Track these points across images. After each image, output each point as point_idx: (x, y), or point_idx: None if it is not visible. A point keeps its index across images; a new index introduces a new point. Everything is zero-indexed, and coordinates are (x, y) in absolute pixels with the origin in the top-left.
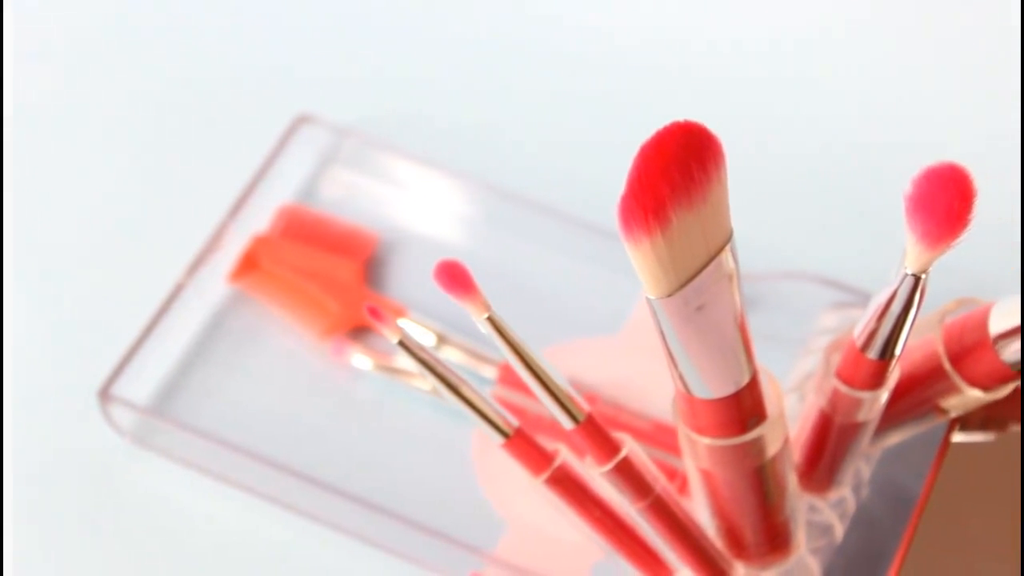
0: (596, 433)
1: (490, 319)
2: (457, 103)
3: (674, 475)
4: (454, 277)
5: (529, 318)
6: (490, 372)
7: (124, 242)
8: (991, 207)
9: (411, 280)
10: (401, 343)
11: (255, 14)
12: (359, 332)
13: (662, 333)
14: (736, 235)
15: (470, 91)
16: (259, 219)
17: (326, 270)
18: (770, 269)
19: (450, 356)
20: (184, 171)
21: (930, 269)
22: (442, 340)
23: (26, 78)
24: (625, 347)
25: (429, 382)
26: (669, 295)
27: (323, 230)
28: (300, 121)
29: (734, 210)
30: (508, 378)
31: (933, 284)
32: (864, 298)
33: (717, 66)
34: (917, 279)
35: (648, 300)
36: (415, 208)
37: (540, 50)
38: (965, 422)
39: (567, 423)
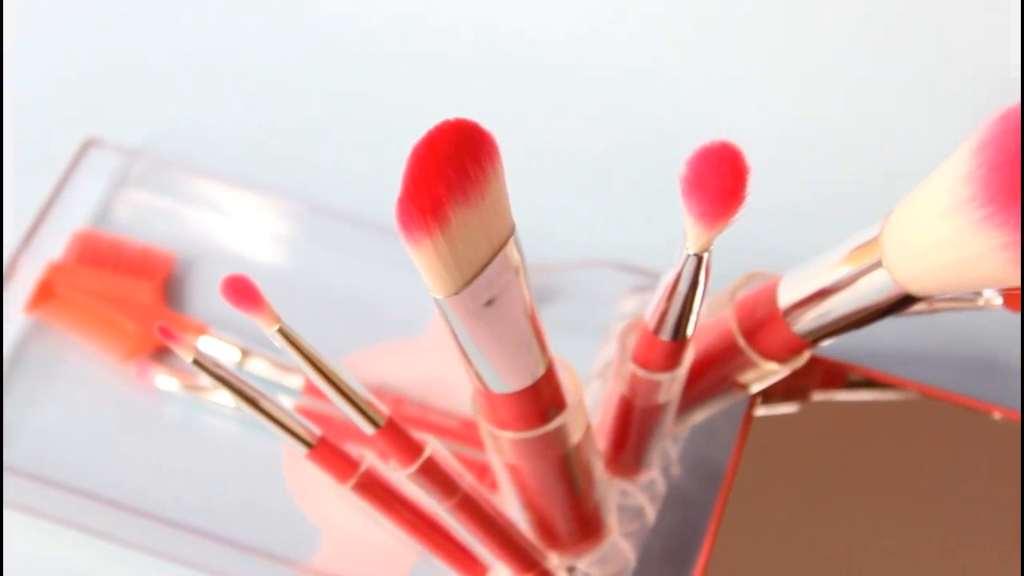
0: (398, 436)
1: (281, 330)
2: (247, 114)
3: (485, 472)
4: (240, 291)
5: (336, 325)
6: (297, 383)
7: None
8: (777, 182)
9: (214, 297)
10: (195, 361)
11: (29, 40)
12: (163, 353)
13: (453, 332)
14: (532, 226)
15: (259, 101)
16: (53, 246)
17: (124, 293)
18: (568, 258)
19: (256, 369)
20: None
21: (712, 248)
22: (246, 354)
23: None
24: (430, 347)
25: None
26: (456, 293)
27: (118, 253)
28: (88, 145)
29: (529, 203)
30: (314, 388)
31: (732, 261)
32: None
33: (512, 57)
34: (699, 259)
35: (435, 300)
36: (213, 224)
37: (330, 52)
38: (767, 395)
39: (367, 428)
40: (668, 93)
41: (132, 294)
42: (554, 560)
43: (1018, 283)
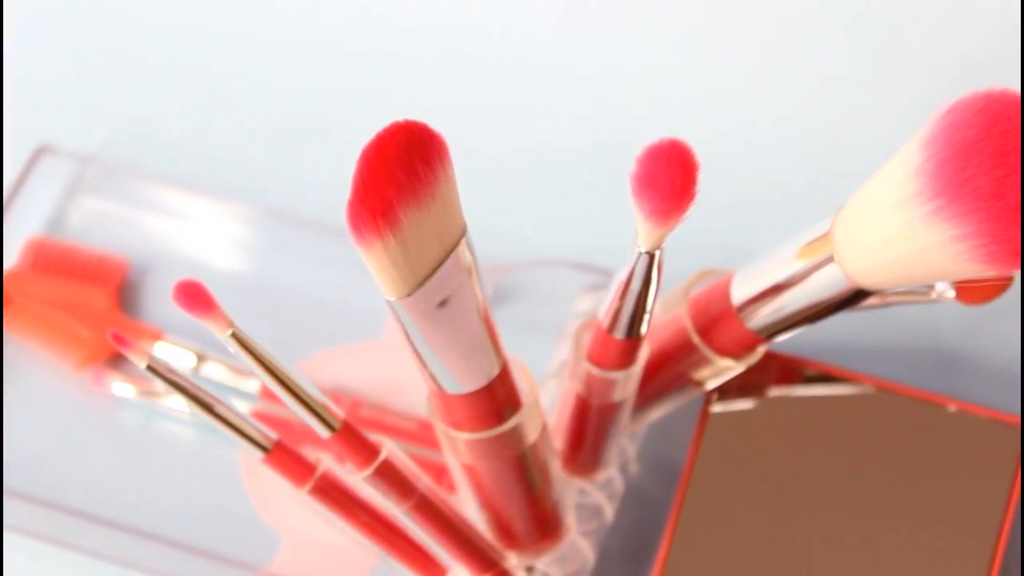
0: (354, 439)
1: (234, 335)
2: (202, 118)
3: (443, 473)
4: (192, 296)
5: (294, 329)
6: (254, 387)
7: None
8: (730, 179)
9: (170, 302)
10: (149, 367)
11: None
12: (119, 360)
13: (406, 333)
14: (486, 226)
15: (209, 106)
16: (7, 255)
17: (79, 300)
18: (523, 258)
19: (213, 374)
20: None
21: (664, 245)
22: (202, 359)
23: None
24: (387, 349)
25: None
26: (408, 295)
27: (72, 260)
28: (40, 152)
29: (483, 203)
30: (271, 392)
31: (686, 258)
32: None
33: (465, 58)
34: (651, 256)
35: (388, 302)
36: (168, 230)
37: (286, 54)
38: (723, 392)
39: (323, 432)
40: (621, 93)
41: (87, 301)
42: (513, 560)
43: (969, 275)
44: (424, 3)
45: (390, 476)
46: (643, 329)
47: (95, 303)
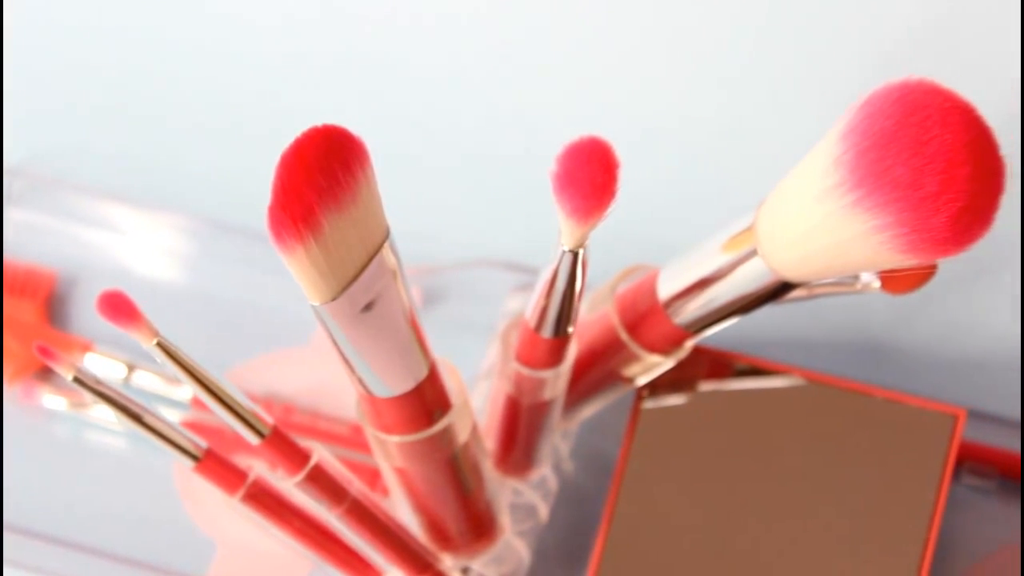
0: (284, 445)
1: (159, 344)
2: (123, 129)
3: (377, 477)
4: (116, 306)
5: (225, 337)
6: (186, 395)
7: None
8: (654, 175)
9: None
10: (76, 379)
11: None
12: (49, 373)
13: (332, 338)
14: (416, 228)
15: (134, 115)
16: None
17: (7, 313)
18: (454, 259)
19: (145, 383)
20: None
21: (587, 243)
22: (132, 369)
23: None
24: (318, 354)
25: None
26: (332, 299)
27: None
28: None
29: (412, 205)
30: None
31: (613, 255)
32: None
33: (391, 61)
34: (575, 254)
35: (313, 307)
36: (96, 241)
37: (206, 61)
38: (654, 387)
39: (252, 439)
40: (546, 93)
41: (15, 314)
42: (448, 561)
43: (891, 265)
44: (349, 10)
45: (321, 481)
46: (570, 327)
47: (23, 316)
